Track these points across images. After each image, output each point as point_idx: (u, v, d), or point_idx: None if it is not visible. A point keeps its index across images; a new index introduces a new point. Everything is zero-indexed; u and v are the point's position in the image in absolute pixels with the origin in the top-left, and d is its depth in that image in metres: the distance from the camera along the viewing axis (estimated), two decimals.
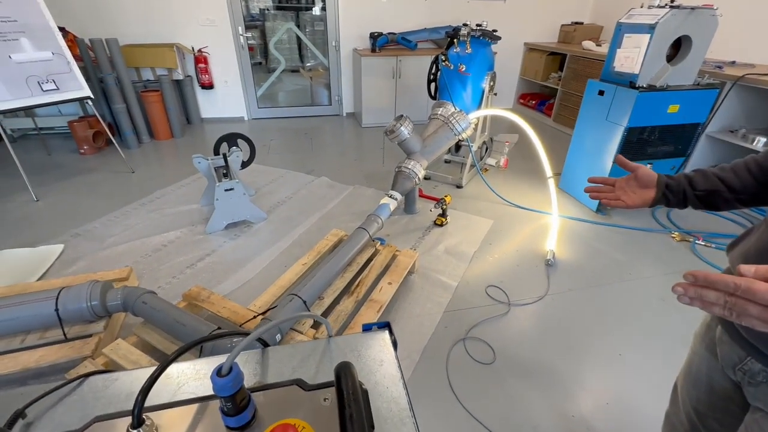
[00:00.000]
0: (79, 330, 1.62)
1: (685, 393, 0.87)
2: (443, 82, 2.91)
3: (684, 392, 0.87)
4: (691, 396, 0.84)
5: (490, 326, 1.85)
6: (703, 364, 0.79)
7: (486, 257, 2.33)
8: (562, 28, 4.90)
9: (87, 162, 3.57)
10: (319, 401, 0.44)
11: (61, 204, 2.85)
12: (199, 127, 4.60)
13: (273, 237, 2.49)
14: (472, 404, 1.48)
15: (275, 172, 3.41)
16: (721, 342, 0.71)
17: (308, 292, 1.69)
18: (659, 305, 1.97)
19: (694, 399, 0.83)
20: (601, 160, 2.66)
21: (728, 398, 0.73)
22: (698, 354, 0.80)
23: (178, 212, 2.75)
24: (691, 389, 0.84)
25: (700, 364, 0.80)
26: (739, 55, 3.22)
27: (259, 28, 4.80)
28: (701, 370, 0.79)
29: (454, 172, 3.33)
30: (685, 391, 0.87)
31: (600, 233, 2.57)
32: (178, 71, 4.18)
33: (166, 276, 2.13)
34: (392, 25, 4.59)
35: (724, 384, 0.74)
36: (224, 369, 0.39)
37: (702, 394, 0.80)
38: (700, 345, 0.80)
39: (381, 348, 0.58)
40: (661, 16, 2.19)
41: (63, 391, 0.51)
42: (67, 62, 2.97)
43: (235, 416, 0.40)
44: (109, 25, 3.97)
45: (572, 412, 1.47)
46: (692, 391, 0.83)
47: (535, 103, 5.09)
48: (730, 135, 2.84)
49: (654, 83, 2.38)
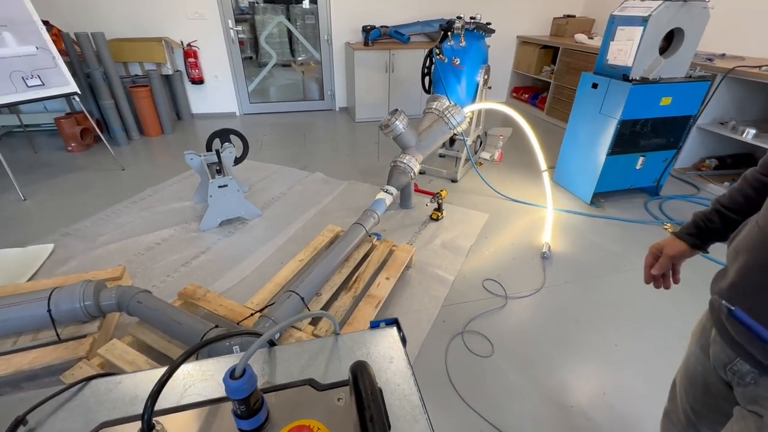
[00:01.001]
0: (72, 331, 1.60)
1: (682, 391, 0.88)
2: (438, 76, 2.90)
3: (681, 390, 0.88)
4: (689, 394, 0.85)
5: (487, 319, 1.85)
6: (699, 365, 0.80)
7: (482, 251, 2.34)
8: (555, 21, 4.90)
9: (75, 160, 3.49)
10: (333, 401, 0.44)
11: (50, 203, 2.79)
12: (190, 122, 4.53)
13: (268, 234, 2.47)
14: (471, 397, 1.49)
15: (269, 168, 3.38)
16: (714, 342, 0.72)
17: (306, 288, 1.68)
18: (653, 296, 2.00)
19: (691, 398, 0.85)
20: (595, 153, 2.67)
21: (723, 398, 0.74)
22: (694, 354, 0.81)
23: (170, 210, 2.71)
24: (689, 388, 0.85)
25: (696, 364, 0.81)
26: (729, 48, 3.26)
27: (249, 22, 4.72)
28: (697, 369, 0.80)
29: (448, 167, 3.33)
30: (682, 390, 0.88)
31: (594, 225, 2.59)
32: (167, 66, 4.10)
33: (160, 275, 2.10)
34: (384, 18, 4.54)
35: (718, 384, 0.75)
36: (237, 371, 0.38)
37: (698, 394, 0.82)
38: (696, 345, 0.81)
39: (390, 345, 0.57)
40: (654, 8, 2.20)
41: (65, 396, 0.50)
42: (53, 57, 2.90)
43: (248, 419, 0.39)
44: (95, 18, 3.87)
45: (570, 402, 1.48)
46: (689, 390, 0.85)
47: (528, 97, 5.10)
48: (721, 127, 2.88)
49: (647, 76, 2.39)
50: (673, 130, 2.63)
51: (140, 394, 0.50)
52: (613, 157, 2.60)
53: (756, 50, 3.13)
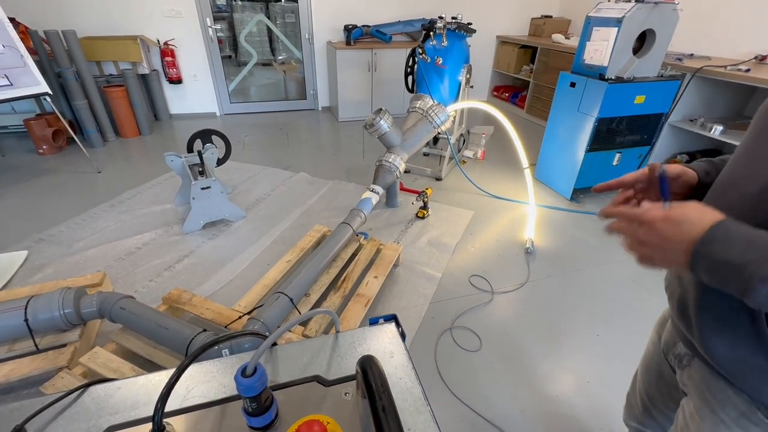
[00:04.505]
0: (51, 340, 1.54)
1: (639, 377, 0.92)
2: (421, 75, 2.92)
3: (639, 377, 0.93)
4: (644, 381, 0.89)
5: (475, 315, 1.89)
6: (654, 351, 0.83)
7: (468, 247, 2.38)
8: (533, 21, 5.01)
9: (47, 162, 3.35)
10: (340, 396, 0.44)
11: (21, 208, 2.68)
12: (168, 123, 4.41)
13: (253, 235, 2.44)
14: (461, 391, 1.52)
15: (252, 168, 3.33)
16: (666, 330, 0.76)
17: (294, 289, 1.67)
18: (632, 286, 2.08)
19: (646, 384, 0.88)
20: (574, 150, 2.75)
21: (673, 385, 0.77)
22: (652, 341, 0.86)
23: (151, 213, 2.64)
24: (644, 374, 0.89)
25: (652, 351, 0.85)
26: (697, 49, 3.41)
27: (227, 20, 4.63)
28: (653, 357, 0.84)
29: (432, 165, 3.36)
30: (639, 376, 0.92)
31: (575, 220, 2.67)
32: (143, 65, 3.98)
33: (143, 279, 2.05)
34: (366, 17, 4.54)
35: (669, 371, 0.78)
36: (249, 369, 0.38)
37: (652, 379, 0.85)
38: (655, 333, 0.85)
39: (390, 340, 0.59)
40: (627, 10, 2.28)
41: (63, 403, 0.49)
42: (21, 56, 2.77)
43: (259, 416, 0.40)
44: (65, 16, 3.72)
45: (556, 392, 1.53)
46: (645, 376, 0.89)
47: (509, 96, 5.19)
48: (690, 124, 3.00)
49: (621, 75, 2.48)
50: (647, 127, 2.74)
51: (142, 399, 0.50)
52: (591, 153, 2.69)
53: (722, 51, 3.29)
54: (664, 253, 0.48)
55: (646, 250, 0.50)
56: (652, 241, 0.48)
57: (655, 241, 0.48)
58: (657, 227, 0.47)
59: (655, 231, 0.48)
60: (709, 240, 0.43)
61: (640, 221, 0.50)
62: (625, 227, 0.52)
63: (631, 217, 0.51)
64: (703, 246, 0.44)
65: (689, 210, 0.46)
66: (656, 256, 0.49)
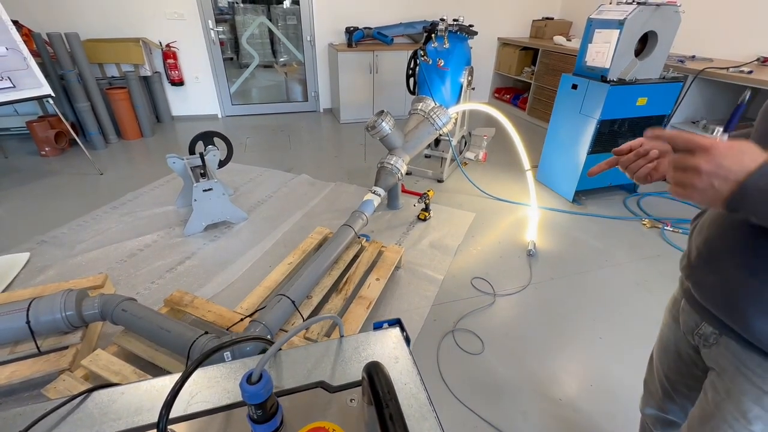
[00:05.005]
0: (53, 342, 1.54)
1: (657, 361, 0.94)
2: (422, 77, 2.92)
3: (657, 361, 0.95)
4: (663, 363, 0.91)
5: (477, 317, 1.88)
6: (671, 334, 0.86)
7: (470, 250, 2.37)
8: (534, 23, 5.01)
9: (49, 164, 3.36)
10: (346, 402, 0.44)
11: (24, 209, 2.68)
12: (170, 125, 4.42)
13: (255, 237, 2.43)
14: (463, 394, 1.51)
15: (253, 170, 3.33)
16: (683, 311, 0.78)
17: (296, 291, 1.67)
18: (634, 289, 2.07)
19: (665, 366, 0.91)
20: (576, 152, 2.75)
21: (693, 363, 0.81)
22: (667, 325, 0.88)
23: (153, 215, 2.64)
24: (663, 357, 0.91)
25: (668, 333, 0.87)
26: (699, 50, 3.40)
27: (229, 22, 4.65)
28: (669, 339, 0.86)
29: (434, 167, 3.36)
30: (657, 360, 0.94)
31: (577, 222, 2.66)
32: (146, 67, 4.00)
33: (145, 281, 2.05)
34: (367, 19, 4.55)
35: (688, 350, 0.81)
36: (254, 376, 0.38)
37: (671, 362, 0.88)
38: (669, 316, 0.87)
39: (394, 345, 0.58)
40: (629, 12, 2.28)
41: (66, 408, 0.48)
42: (24, 58, 2.78)
43: (265, 423, 0.39)
44: (68, 18, 3.73)
45: (559, 395, 1.53)
46: (663, 359, 0.91)
47: (510, 97, 5.19)
48: (692, 126, 3.00)
49: (623, 77, 2.48)
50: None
51: (145, 404, 0.49)
52: (593, 155, 2.68)
53: (723, 52, 3.28)
54: (711, 181, 0.47)
55: (692, 177, 0.49)
56: (704, 168, 0.47)
57: (707, 168, 0.47)
58: (716, 153, 0.47)
59: (713, 157, 0.47)
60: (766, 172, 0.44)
61: (697, 146, 0.48)
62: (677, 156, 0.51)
63: (687, 141, 0.49)
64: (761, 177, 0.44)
65: (750, 144, 0.47)
66: (700, 184, 0.48)
